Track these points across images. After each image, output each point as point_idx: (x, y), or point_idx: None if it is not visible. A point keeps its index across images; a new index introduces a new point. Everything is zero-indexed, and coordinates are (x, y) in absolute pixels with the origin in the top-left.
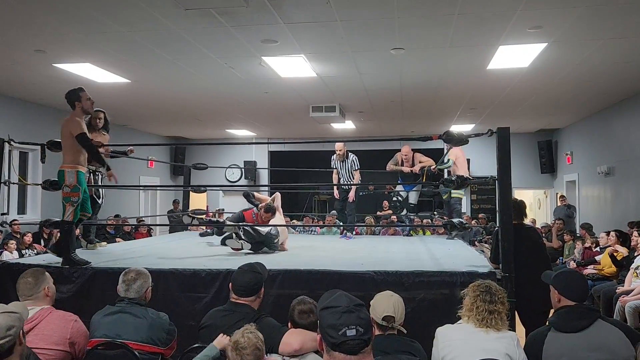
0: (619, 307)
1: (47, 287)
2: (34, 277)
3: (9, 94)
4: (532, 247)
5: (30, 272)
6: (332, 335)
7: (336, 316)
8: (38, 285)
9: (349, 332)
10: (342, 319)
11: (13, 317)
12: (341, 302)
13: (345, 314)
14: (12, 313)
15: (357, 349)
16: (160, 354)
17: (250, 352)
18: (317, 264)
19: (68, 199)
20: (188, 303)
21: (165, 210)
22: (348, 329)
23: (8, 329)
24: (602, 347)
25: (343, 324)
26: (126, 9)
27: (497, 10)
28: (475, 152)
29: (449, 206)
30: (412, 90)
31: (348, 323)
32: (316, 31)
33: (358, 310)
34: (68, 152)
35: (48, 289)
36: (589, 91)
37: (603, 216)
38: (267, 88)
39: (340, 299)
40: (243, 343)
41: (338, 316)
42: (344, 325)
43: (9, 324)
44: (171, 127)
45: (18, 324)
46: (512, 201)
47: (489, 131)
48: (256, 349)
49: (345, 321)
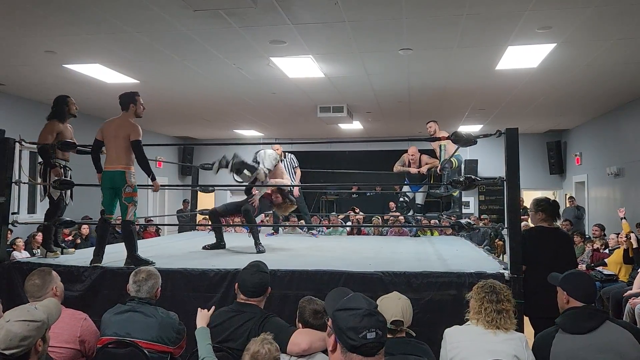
0: (628, 309)
1: (55, 287)
2: (40, 278)
3: (20, 94)
4: (562, 249)
5: (37, 273)
6: (352, 338)
7: (357, 319)
8: (45, 286)
9: (369, 335)
10: (363, 322)
11: (31, 326)
12: (361, 304)
13: (366, 317)
14: (32, 322)
15: (374, 351)
16: (169, 353)
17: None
18: (325, 265)
19: (130, 199)
20: (196, 303)
21: (173, 210)
22: (369, 332)
23: (22, 339)
24: (611, 348)
25: (365, 327)
26: (135, 10)
27: (506, 10)
28: (484, 152)
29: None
30: (419, 91)
31: (369, 326)
32: (324, 32)
33: (377, 313)
34: (124, 152)
35: (56, 289)
36: (598, 92)
37: (612, 218)
38: (275, 88)
39: (359, 301)
40: (263, 355)
41: (359, 319)
42: (365, 329)
43: (24, 335)
44: (179, 127)
45: (35, 334)
46: (545, 201)
47: (498, 132)
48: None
49: (366, 324)
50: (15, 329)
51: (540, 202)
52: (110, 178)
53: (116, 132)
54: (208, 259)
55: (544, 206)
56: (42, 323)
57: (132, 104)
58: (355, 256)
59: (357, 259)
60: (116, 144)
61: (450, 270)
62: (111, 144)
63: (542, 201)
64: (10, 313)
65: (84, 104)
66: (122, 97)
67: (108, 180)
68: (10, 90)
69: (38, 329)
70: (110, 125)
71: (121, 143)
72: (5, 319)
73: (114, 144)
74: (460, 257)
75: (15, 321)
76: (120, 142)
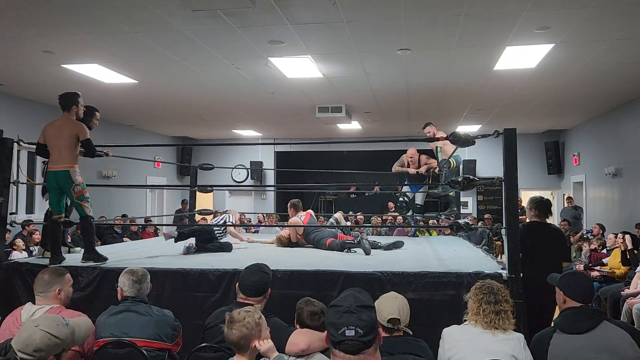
0: (626, 309)
1: (59, 290)
2: (50, 276)
3: (18, 94)
4: (555, 244)
5: (50, 271)
6: (332, 334)
7: (337, 315)
8: (50, 285)
9: (347, 332)
10: (342, 319)
11: (52, 341)
12: (345, 302)
13: (346, 314)
14: (53, 337)
15: (355, 350)
16: (167, 349)
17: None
18: (324, 265)
19: (82, 197)
20: (195, 303)
21: (171, 210)
22: (347, 329)
23: (36, 350)
24: (608, 348)
25: (343, 323)
26: (134, 10)
27: (504, 11)
28: (482, 152)
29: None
30: (418, 91)
31: (348, 323)
32: (323, 32)
33: (360, 311)
34: (68, 151)
35: (59, 292)
36: (596, 92)
37: (610, 218)
38: (273, 89)
39: (346, 299)
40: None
41: (339, 315)
42: (344, 325)
43: (40, 347)
44: (178, 127)
45: (51, 350)
46: (538, 200)
47: (496, 132)
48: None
49: (345, 321)
50: (36, 337)
51: (533, 200)
52: (54, 178)
53: (60, 132)
54: (207, 259)
55: (536, 203)
56: (62, 342)
57: (75, 106)
58: (354, 256)
59: (356, 259)
60: (62, 142)
61: (448, 270)
62: (54, 144)
63: (536, 199)
64: (42, 319)
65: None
66: (65, 97)
67: (53, 180)
68: (9, 90)
69: (56, 346)
70: (51, 127)
71: (65, 141)
72: (35, 322)
73: (56, 143)
74: (459, 257)
75: (41, 329)
76: (65, 141)
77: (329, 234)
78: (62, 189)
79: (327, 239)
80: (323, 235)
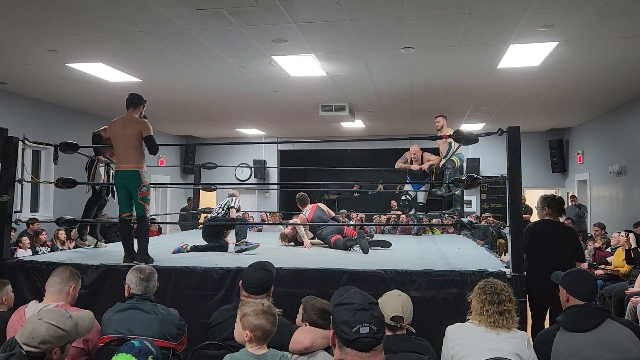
0: (630, 308)
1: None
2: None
3: (23, 93)
4: (569, 244)
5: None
6: (345, 332)
7: (350, 313)
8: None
9: (362, 329)
10: (356, 316)
11: (56, 333)
12: (356, 299)
13: (359, 311)
14: (58, 329)
15: (369, 347)
16: (171, 348)
17: None
18: (327, 263)
19: (146, 199)
20: (199, 301)
21: (175, 208)
22: (362, 327)
23: (41, 342)
24: (612, 346)
25: (357, 321)
26: (138, 9)
27: (508, 9)
28: (486, 151)
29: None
30: (421, 90)
31: (362, 320)
32: (326, 31)
33: (372, 308)
34: (136, 150)
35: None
36: (600, 90)
37: (615, 216)
38: (277, 87)
39: (355, 296)
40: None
41: (352, 313)
42: (358, 323)
43: (45, 339)
44: (181, 126)
45: (56, 341)
46: (551, 198)
47: (499, 130)
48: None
49: (359, 318)
50: (40, 329)
51: (546, 199)
52: (121, 177)
53: (124, 131)
54: (211, 257)
55: (549, 202)
56: (66, 334)
57: (141, 106)
58: (358, 254)
59: (359, 257)
60: (124, 143)
61: (452, 268)
62: (119, 143)
63: (548, 197)
64: (46, 312)
65: (87, 102)
66: (132, 97)
67: (120, 179)
68: (14, 89)
69: (60, 338)
70: (115, 125)
71: (130, 142)
72: (39, 315)
73: (121, 143)
74: (462, 255)
75: (45, 322)
76: (128, 141)
77: (334, 229)
78: (129, 188)
79: (332, 237)
80: (328, 232)
